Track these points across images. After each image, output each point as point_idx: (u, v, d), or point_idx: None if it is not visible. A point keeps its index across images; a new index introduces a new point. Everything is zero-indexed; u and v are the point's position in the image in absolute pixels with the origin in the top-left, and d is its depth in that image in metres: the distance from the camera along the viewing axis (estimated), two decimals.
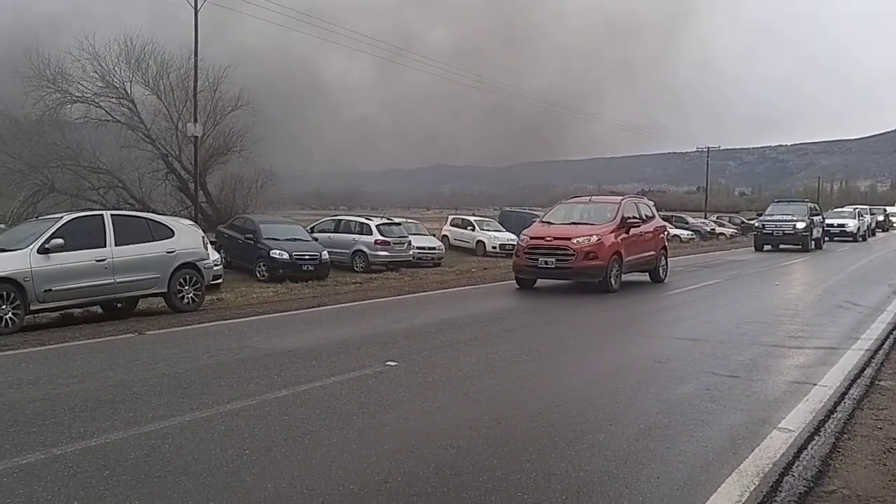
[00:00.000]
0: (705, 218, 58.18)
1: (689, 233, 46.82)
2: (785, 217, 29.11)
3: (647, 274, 16.22)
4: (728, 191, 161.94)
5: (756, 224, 31.96)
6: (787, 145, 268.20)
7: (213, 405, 5.82)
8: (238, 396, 6.09)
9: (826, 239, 32.73)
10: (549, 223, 15.49)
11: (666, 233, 17.62)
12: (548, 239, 14.39)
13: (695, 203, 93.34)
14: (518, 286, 14.99)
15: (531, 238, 14.79)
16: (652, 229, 16.32)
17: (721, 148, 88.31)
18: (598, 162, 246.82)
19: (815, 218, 30.07)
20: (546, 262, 14.04)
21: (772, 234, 28.95)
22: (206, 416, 5.52)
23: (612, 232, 14.41)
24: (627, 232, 14.81)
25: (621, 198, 16.21)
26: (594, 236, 14.07)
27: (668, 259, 17.17)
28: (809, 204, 31.36)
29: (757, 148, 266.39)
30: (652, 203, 17.68)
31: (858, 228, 37.24)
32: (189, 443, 4.91)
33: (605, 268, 13.78)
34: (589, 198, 16.78)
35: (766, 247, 28.99)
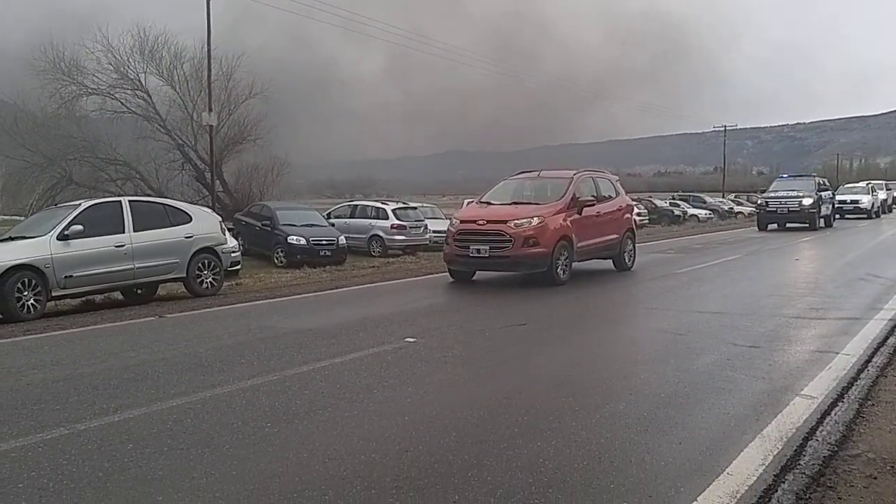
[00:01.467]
0: (723, 197, 57.77)
1: (708, 212, 46.64)
2: (790, 193, 26.91)
3: (611, 261, 14.08)
4: (746, 170, 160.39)
5: (759, 201, 29.68)
6: (805, 123, 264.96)
7: (234, 381, 5.86)
8: (259, 373, 6.13)
9: (837, 216, 31.09)
10: (487, 203, 13.09)
11: (634, 213, 15.42)
12: (480, 222, 12.14)
13: (712, 183, 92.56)
14: (452, 279, 12.92)
15: (461, 222, 12.59)
16: (614, 209, 14.00)
17: (738, 127, 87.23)
18: (613, 145, 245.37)
19: (823, 193, 27.97)
20: (478, 251, 11.86)
21: (776, 211, 26.90)
22: (227, 392, 5.56)
23: (559, 213, 12.25)
24: (580, 212, 12.61)
25: (574, 172, 13.59)
26: (535, 218, 11.87)
27: (637, 244, 14.97)
28: (817, 178, 29.36)
29: (774, 126, 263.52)
30: (616, 178, 15.36)
31: (872, 205, 35.27)
32: (211, 417, 4.95)
33: (550, 256, 11.74)
34: (538, 172, 14.12)
35: (771, 226, 27.17)
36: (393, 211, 24.02)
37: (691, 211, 46.05)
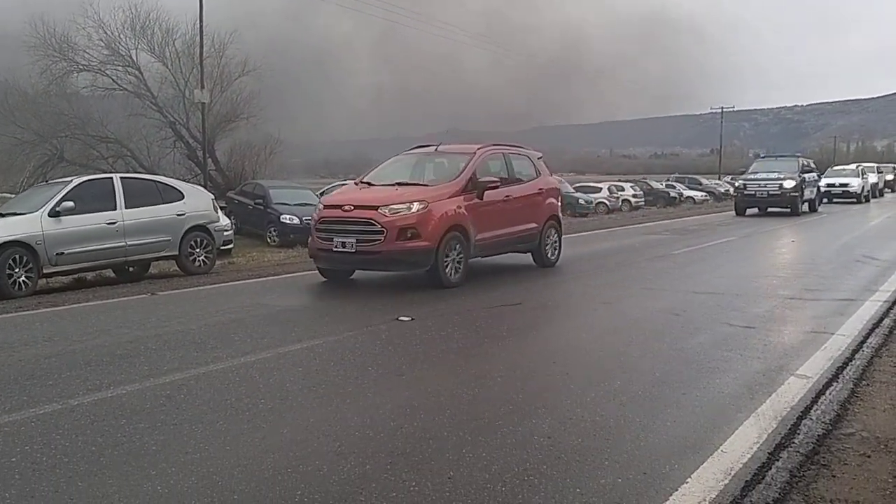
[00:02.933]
0: (719, 179, 57.93)
1: (703, 194, 46.85)
2: (771, 175, 24.69)
3: (531, 255, 11.77)
4: (742, 152, 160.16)
5: (737, 184, 27.31)
6: (802, 105, 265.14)
7: (227, 358, 5.83)
8: (252, 350, 6.10)
9: (825, 200, 29.51)
10: (368, 184, 10.55)
11: (559, 197, 12.78)
12: (346, 208, 9.56)
13: (708, 165, 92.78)
14: (324, 279, 10.37)
15: (325, 207, 10.10)
16: (531, 192, 11.50)
17: (735, 109, 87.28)
18: (610, 126, 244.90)
19: (807, 175, 25.67)
20: (343, 245, 9.31)
21: (755, 195, 24.63)
22: (220, 369, 5.53)
23: (451, 196, 9.81)
24: (481, 196, 10.13)
25: (479, 147, 11.09)
26: (416, 203, 9.36)
27: (563, 234, 12.44)
28: (801, 159, 26.95)
29: (771, 109, 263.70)
30: (539, 155, 12.51)
31: (862, 188, 32.91)
32: (205, 393, 4.93)
33: (434, 251, 9.27)
34: (436, 147, 11.53)
35: (751, 211, 24.98)
36: None
37: (687, 193, 46.16)
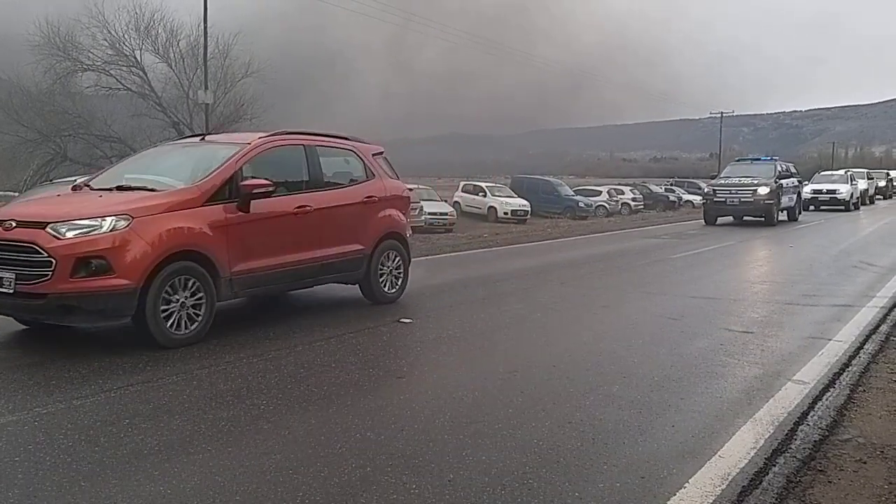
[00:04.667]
0: None
1: (703, 198, 46.90)
2: (744, 181, 22.30)
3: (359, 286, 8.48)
4: (741, 157, 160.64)
5: (706, 190, 24.97)
6: (801, 111, 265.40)
7: (231, 358, 5.85)
8: (253, 349, 6.12)
9: (812, 208, 28.32)
10: (89, 189, 7.15)
11: (409, 209, 9.44)
12: (8, 225, 6.08)
13: (707, 170, 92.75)
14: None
15: None
16: (353, 201, 8.16)
17: (735, 114, 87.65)
18: (610, 129, 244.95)
19: (785, 181, 23.08)
20: (0, 282, 5.93)
21: (725, 202, 22.13)
22: (225, 368, 5.55)
23: (183, 207, 6.44)
24: (245, 208, 6.78)
25: (262, 136, 7.66)
26: (111, 217, 6.00)
27: (410, 258, 9.05)
28: (779, 164, 24.15)
29: (771, 114, 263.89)
30: (376, 150, 9.06)
31: (851, 195, 30.91)
32: (206, 393, 4.96)
33: (136, 293, 5.94)
34: (202, 136, 8.76)
35: (723, 219, 22.63)
36: None
37: (686, 197, 46.31)
